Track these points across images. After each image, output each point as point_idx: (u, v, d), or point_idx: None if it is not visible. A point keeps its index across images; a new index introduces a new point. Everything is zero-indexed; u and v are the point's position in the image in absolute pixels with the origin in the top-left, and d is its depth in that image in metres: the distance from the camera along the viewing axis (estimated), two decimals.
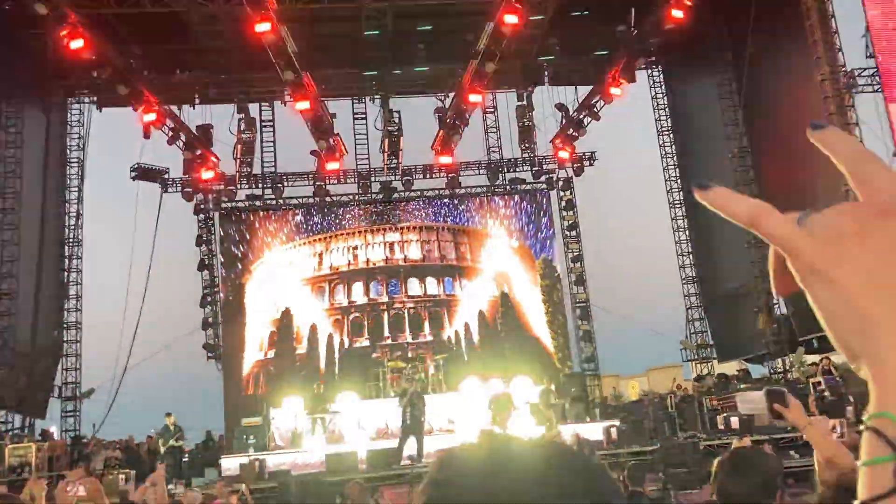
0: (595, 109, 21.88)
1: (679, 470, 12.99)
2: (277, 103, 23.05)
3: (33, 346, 19.55)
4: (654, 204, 25.88)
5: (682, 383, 20.90)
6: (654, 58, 23.83)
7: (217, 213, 23.07)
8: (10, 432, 18.41)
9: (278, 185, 23.10)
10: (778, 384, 17.22)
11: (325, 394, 18.07)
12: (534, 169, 24.03)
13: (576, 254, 24.09)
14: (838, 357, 17.47)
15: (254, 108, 22.65)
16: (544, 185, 24.34)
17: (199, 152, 21.49)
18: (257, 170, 22.95)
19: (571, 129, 22.80)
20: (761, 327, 20.08)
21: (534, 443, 0.75)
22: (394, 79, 22.71)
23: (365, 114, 23.17)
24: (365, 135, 23.16)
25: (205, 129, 21.92)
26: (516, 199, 24.17)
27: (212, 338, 22.39)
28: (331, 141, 20.45)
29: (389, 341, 21.68)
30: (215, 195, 22.96)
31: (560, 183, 24.39)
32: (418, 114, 23.23)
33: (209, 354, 22.24)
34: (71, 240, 21.93)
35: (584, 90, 22.63)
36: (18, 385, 18.54)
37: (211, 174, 21.94)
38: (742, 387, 18.50)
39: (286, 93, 21.28)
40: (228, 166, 22.38)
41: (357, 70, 22.47)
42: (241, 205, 23.26)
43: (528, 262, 23.33)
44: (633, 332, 26.32)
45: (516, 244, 23.38)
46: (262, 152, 23.01)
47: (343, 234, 22.96)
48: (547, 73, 23.59)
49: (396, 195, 23.41)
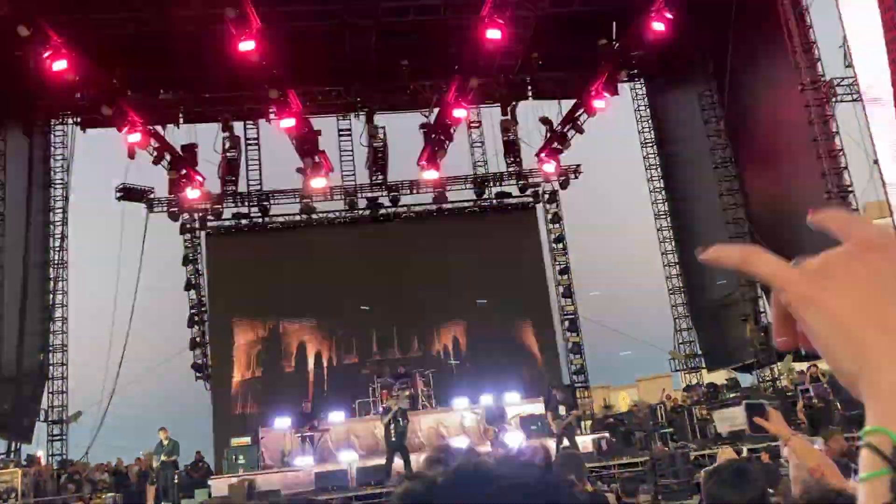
0: (579, 123, 22.03)
1: (670, 481, 13.00)
2: (262, 121, 23.07)
3: (19, 370, 19.36)
4: (640, 215, 26.03)
5: (671, 394, 20.94)
6: (636, 70, 24.04)
7: (203, 233, 22.99)
8: None
9: (264, 204, 23.06)
10: (767, 392, 17.30)
11: (313, 412, 17.97)
12: (520, 182, 24.12)
13: (563, 266, 24.16)
14: (825, 364, 17.55)
15: (238, 127, 22.66)
16: (530, 199, 24.42)
17: (184, 172, 21.44)
18: (243, 188, 22.93)
19: (556, 143, 22.93)
20: (749, 336, 20.18)
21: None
22: (378, 95, 22.78)
23: (350, 130, 23.24)
24: (350, 151, 23.21)
25: (189, 149, 21.88)
26: (502, 212, 24.22)
27: (200, 357, 22.26)
28: (316, 158, 20.46)
29: (378, 358, 21.60)
30: (201, 214, 22.89)
31: (546, 196, 24.49)
32: (403, 130, 23.31)
33: (197, 374, 22.11)
34: (56, 262, 21.77)
35: (567, 104, 22.81)
36: (4, 409, 18.33)
37: (196, 193, 21.89)
38: (731, 395, 18.54)
39: (271, 111, 21.32)
40: (214, 185, 22.36)
41: (341, 87, 22.52)
42: (228, 223, 23.19)
43: (515, 275, 23.33)
44: (621, 343, 26.35)
45: (503, 257, 23.37)
46: (247, 171, 23.01)
47: (330, 250, 22.91)
48: (530, 88, 23.75)
49: (383, 211, 23.43)
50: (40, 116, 21.91)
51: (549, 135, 23.05)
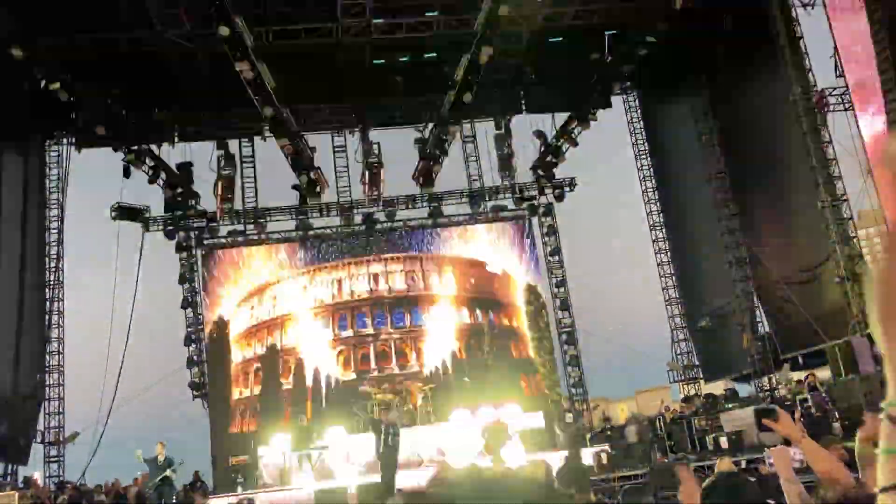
0: (573, 136, 22.14)
1: (671, 493, 12.95)
2: (257, 139, 23.12)
3: (15, 391, 19.26)
4: (635, 227, 26.11)
5: (670, 405, 20.91)
6: (629, 83, 24.19)
7: (200, 251, 22.98)
8: None
9: (260, 221, 23.06)
10: (765, 402, 17.28)
11: (312, 429, 17.91)
12: (514, 196, 24.19)
13: (559, 279, 24.18)
14: (823, 373, 17.58)
15: (234, 145, 22.69)
16: (526, 212, 24.48)
17: (179, 190, 21.47)
18: (239, 206, 22.93)
19: (550, 156, 23.05)
20: (745, 346, 20.19)
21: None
22: (373, 111, 22.85)
23: (345, 146, 23.28)
24: (346, 167, 23.25)
25: (185, 167, 21.92)
26: (498, 226, 24.26)
27: (197, 376, 22.18)
28: (312, 175, 20.49)
29: (376, 373, 21.56)
30: (197, 232, 22.90)
31: (541, 209, 24.55)
32: (398, 145, 23.39)
33: (195, 393, 22.02)
34: (52, 282, 21.70)
35: (561, 117, 22.94)
36: (0, 431, 18.24)
37: (192, 212, 21.89)
38: (729, 406, 18.54)
39: (266, 128, 21.37)
40: (210, 203, 22.39)
41: (336, 103, 22.60)
42: (224, 241, 23.19)
43: (512, 289, 23.36)
44: (619, 356, 26.36)
45: (500, 271, 23.42)
46: (243, 188, 23.02)
47: (327, 268, 22.93)
48: (524, 102, 23.86)
49: (379, 226, 23.46)
50: (35, 137, 21.91)
51: (543, 148, 23.16)
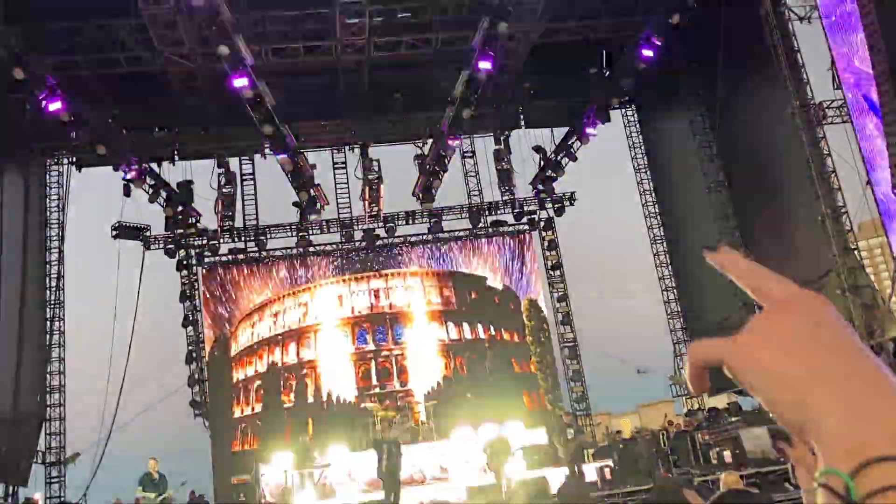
0: (572, 150, 22.19)
1: None
2: (257, 156, 23.18)
3: (15, 412, 19.18)
4: (636, 241, 26.11)
5: (673, 419, 20.81)
6: (627, 97, 24.27)
7: (200, 269, 22.97)
8: None
9: (261, 238, 23.08)
10: (768, 415, 17.16)
11: (313, 447, 17.82)
12: (515, 211, 24.22)
13: (561, 293, 24.16)
14: None
15: (234, 162, 22.74)
16: (526, 227, 24.49)
17: (180, 208, 21.50)
18: (239, 223, 22.95)
19: (550, 171, 23.08)
20: None
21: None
22: (372, 128, 22.92)
23: (345, 163, 23.34)
24: (346, 184, 23.30)
25: (185, 185, 21.96)
26: (498, 241, 24.28)
27: (198, 395, 22.10)
28: (312, 192, 20.51)
29: (378, 390, 21.48)
30: (198, 251, 22.91)
31: (541, 224, 24.57)
32: (398, 161, 23.44)
33: (196, 412, 21.93)
34: (53, 302, 21.68)
35: (560, 132, 22.99)
36: (0, 452, 18.14)
37: (193, 230, 21.90)
38: (733, 420, 18.41)
39: (265, 145, 21.43)
40: (210, 221, 22.41)
41: (335, 120, 22.68)
42: (224, 259, 23.19)
43: (513, 304, 23.34)
44: (622, 370, 26.27)
45: (500, 286, 23.40)
46: (243, 206, 23.05)
47: (327, 284, 22.92)
48: (523, 117, 23.93)
49: (379, 242, 23.47)
50: (36, 157, 21.98)
51: (542, 163, 23.20)
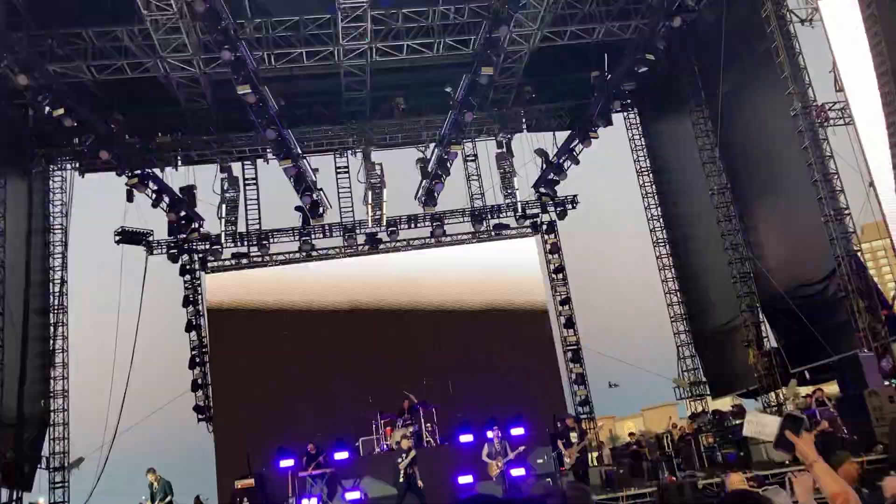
0: (574, 153, 22.19)
1: None
2: (260, 161, 23.23)
3: (19, 417, 19.20)
4: (639, 244, 26.09)
5: (677, 422, 20.77)
6: (629, 100, 24.28)
7: (203, 274, 23.00)
8: None
9: (264, 243, 23.11)
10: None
11: (318, 451, 17.77)
12: (517, 214, 24.23)
13: (563, 296, 24.14)
14: (831, 388, 17.47)
15: (236, 167, 22.81)
16: (528, 230, 24.50)
17: (183, 213, 21.53)
18: (242, 228, 23.00)
19: (552, 174, 23.08)
20: (751, 362, 20.06)
21: None
22: (375, 132, 22.96)
23: (347, 167, 23.39)
24: (348, 188, 23.34)
25: (188, 190, 21.99)
26: (501, 244, 24.26)
27: (202, 399, 22.11)
28: (314, 196, 20.55)
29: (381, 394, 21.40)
30: (201, 255, 22.94)
31: (544, 227, 24.57)
32: (400, 165, 23.49)
33: (199, 416, 21.94)
34: (56, 307, 21.72)
35: (562, 135, 23.00)
36: (5, 457, 18.14)
37: (196, 235, 21.94)
38: (737, 422, 18.36)
39: (268, 150, 21.46)
40: (213, 226, 22.44)
41: (338, 125, 22.72)
42: (228, 264, 23.21)
43: (516, 306, 23.30)
44: (625, 373, 26.22)
45: (503, 289, 23.37)
46: (246, 210, 23.10)
47: (330, 287, 22.91)
48: (525, 120, 23.95)
49: (382, 246, 23.49)
50: (39, 162, 22.03)
51: (544, 166, 23.21)
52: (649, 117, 24.82)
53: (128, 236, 22.27)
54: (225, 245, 22.86)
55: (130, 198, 20.83)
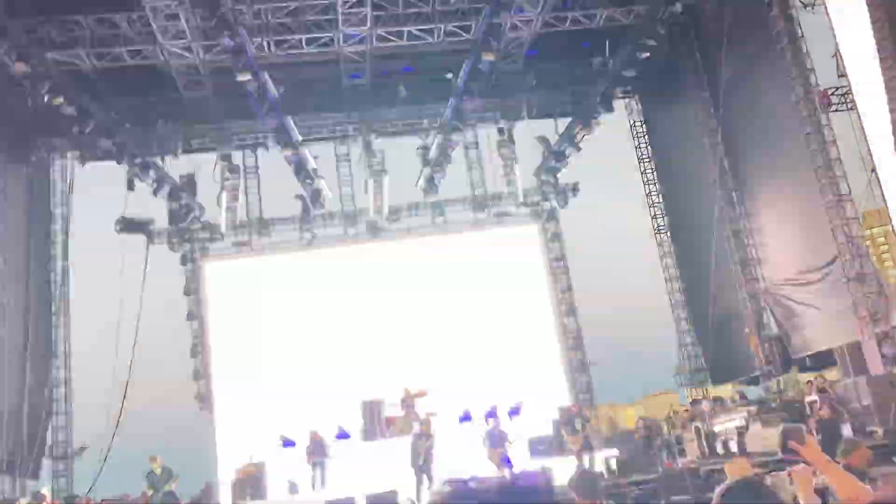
0: (575, 141, 22.09)
1: (681, 497, 12.86)
2: (260, 149, 23.16)
3: (22, 407, 19.24)
4: (640, 231, 26.01)
5: (678, 409, 20.79)
6: (630, 87, 24.16)
7: (205, 262, 22.99)
8: (1, 497, 18.01)
9: (265, 231, 23.09)
10: (774, 404, 17.15)
11: (321, 439, 17.84)
12: (518, 202, 24.17)
13: (565, 284, 24.12)
14: (832, 374, 17.47)
15: (237, 155, 22.74)
16: (529, 218, 24.45)
17: (183, 202, 21.49)
18: (243, 216, 22.96)
19: (553, 161, 23.00)
20: (752, 349, 20.05)
21: None
22: (376, 119, 22.87)
23: (348, 155, 23.33)
24: (349, 176, 23.29)
25: (189, 179, 21.93)
26: (502, 231, 24.23)
27: (204, 387, 22.14)
28: (315, 184, 20.50)
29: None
30: (202, 244, 22.91)
31: (545, 214, 24.52)
32: (402, 152, 23.40)
33: (201, 405, 21.98)
34: (57, 295, 21.72)
35: (564, 122, 22.89)
36: (8, 446, 18.20)
37: (196, 224, 21.90)
38: (738, 409, 18.38)
39: (269, 138, 21.40)
40: (214, 214, 22.38)
41: (339, 112, 22.64)
42: (229, 252, 23.19)
43: (518, 294, 23.29)
44: (627, 360, 26.27)
45: (504, 277, 23.35)
46: (247, 199, 23.04)
47: (331, 275, 22.90)
48: (526, 107, 23.83)
49: (383, 234, 23.46)
50: (39, 151, 21.98)
51: (546, 154, 23.12)
52: (651, 104, 24.71)
53: (129, 225, 22.19)
54: (225, 233, 22.83)
55: (131, 186, 20.78)
